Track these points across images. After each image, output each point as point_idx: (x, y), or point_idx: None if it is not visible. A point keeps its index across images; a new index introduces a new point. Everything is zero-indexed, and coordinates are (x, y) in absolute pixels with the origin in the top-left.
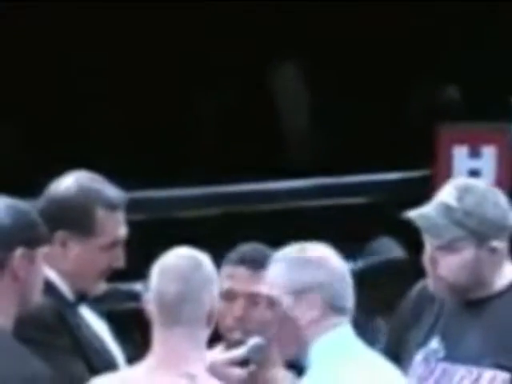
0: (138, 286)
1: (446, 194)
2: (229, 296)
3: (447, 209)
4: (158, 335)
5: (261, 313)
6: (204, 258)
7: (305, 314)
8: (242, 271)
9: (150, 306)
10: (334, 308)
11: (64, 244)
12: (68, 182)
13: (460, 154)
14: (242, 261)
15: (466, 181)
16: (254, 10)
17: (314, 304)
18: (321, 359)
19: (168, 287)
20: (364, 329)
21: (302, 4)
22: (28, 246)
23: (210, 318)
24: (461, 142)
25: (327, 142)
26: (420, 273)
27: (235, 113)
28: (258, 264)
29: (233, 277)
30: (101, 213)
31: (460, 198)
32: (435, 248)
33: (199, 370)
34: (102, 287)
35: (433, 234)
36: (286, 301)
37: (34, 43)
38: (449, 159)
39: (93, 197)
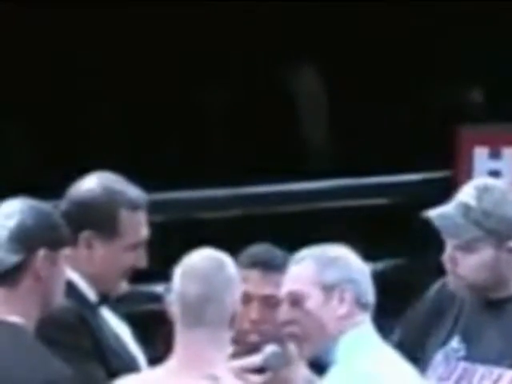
0: (159, 288)
1: (465, 194)
2: (243, 299)
3: (466, 209)
4: (180, 337)
5: (275, 315)
6: (227, 260)
7: (334, 310)
8: (254, 274)
9: (173, 307)
10: (360, 304)
11: (89, 245)
12: (91, 183)
13: (480, 155)
14: (254, 263)
15: (485, 181)
16: (274, 11)
17: (344, 300)
18: (346, 356)
19: (191, 288)
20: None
21: (321, 5)
22: (50, 248)
23: (232, 319)
24: (481, 143)
25: (348, 144)
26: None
27: (255, 114)
28: (270, 266)
29: (246, 280)
30: (124, 213)
31: (479, 198)
32: (455, 247)
33: (222, 371)
34: (124, 288)
35: (451, 233)
36: (315, 297)
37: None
38: (469, 160)
39: (116, 198)
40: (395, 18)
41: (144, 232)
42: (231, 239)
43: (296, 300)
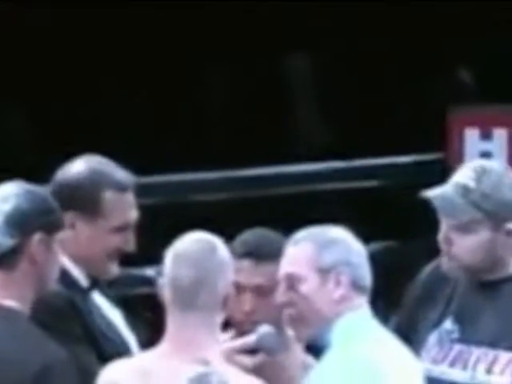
0: (150, 271)
1: (464, 175)
2: (235, 289)
3: (465, 190)
4: (172, 320)
5: (269, 304)
6: (218, 243)
7: (330, 293)
8: (246, 264)
9: (164, 291)
10: (357, 287)
11: (73, 226)
12: (77, 165)
13: (471, 137)
14: (246, 253)
15: (482, 163)
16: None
17: (340, 283)
18: (341, 340)
19: (183, 272)
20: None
21: None
22: (46, 232)
23: (224, 302)
24: (472, 124)
25: (340, 127)
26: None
27: (248, 98)
28: (262, 255)
29: (237, 270)
30: (109, 195)
31: (478, 180)
32: (451, 228)
33: (214, 355)
34: (114, 272)
35: (449, 214)
36: (311, 280)
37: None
38: (460, 142)
39: (101, 179)
40: (386, 2)
41: (131, 215)
42: (223, 222)
43: (292, 282)
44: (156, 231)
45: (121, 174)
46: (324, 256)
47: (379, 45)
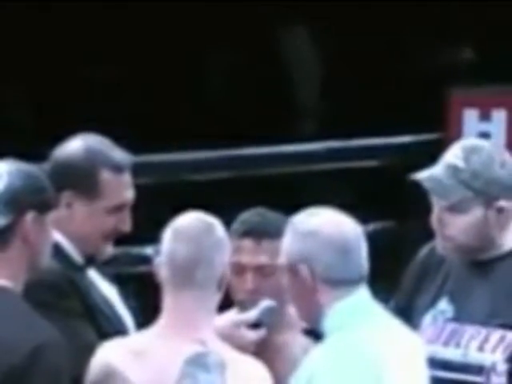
0: (148, 250)
1: (453, 155)
2: (237, 269)
3: (454, 169)
4: (168, 299)
5: (271, 283)
6: (216, 223)
7: (304, 284)
8: (247, 243)
9: (162, 269)
10: (331, 282)
11: (69, 205)
12: (74, 144)
13: (470, 118)
14: (247, 233)
15: (472, 141)
16: None
17: (308, 275)
18: (335, 326)
19: (180, 250)
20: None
21: None
22: (38, 211)
23: (220, 282)
24: (471, 105)
25: (337, 106)
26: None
27: (246, 76)
28: (262, 234)
29: (239, 250)
30: (106, 175)
31: (466, 159)
32: (443, 209)
33: (209, 334)
34: (109, 251)
35: (440, 194)
36: (287, 271)
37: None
38: (459, 123)
39: (98, 158)
40: None
41: (127, 195)
42: (221, 201)
43: (281, 271)
44: (153, 210)
45: (118, 154)
46: (293, 249)
47: (380, 23)
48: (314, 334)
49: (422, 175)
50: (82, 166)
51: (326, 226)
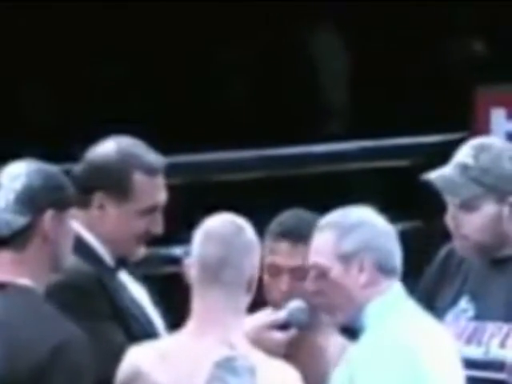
0: (177, 251)
1: (463, 154)
2: (273, 271)
3: (464, 167)
4: (197, 300)
5: (306, 286)
6: (246, 225)
7: (355, 279)
8: (283, 246)
9: (192, 270)
10: (383, 270)
11: (101, 207)
12: (108, 146)
13: (497, 117)
14: (284, 234)
15: (481, 140)
16: None
17: (364, 268)
18: (375, 322)
19: (210, 251)
20: None
21: None
22: (57, 209)
23: (249, 284)
24: (498, 104)
25: (367, 106)
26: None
27: (277, 76)
28: (299, 236)
29: (275, 251)
30: (138, 177)
31: (476, 157)
32: (456, 208)
33: (239, 336)
34: (141, 252)
35: (451, 193)
36: (336, 268)
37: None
38: (486, 122)
39: (131, 160)
40: None
41: (160, 197)
42: (251, 202)
43: (320, 272)
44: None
45: (151, 157)
46: (344, 243)
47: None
48: (350, 330)
49: (433, 175)
50: (114, 168)
51: (370, 217)
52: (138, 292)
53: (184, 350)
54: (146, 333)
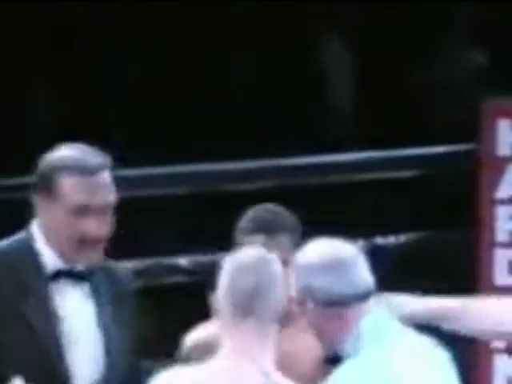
0: (182, 261)
1: None
2: None
3: None
4: (229, 331)
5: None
6: (273, 258)
7: (315, 316)
8: (259, 239)
9: (219, 301)
10: (336, 304)
11: (40, 209)
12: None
13: (504, 128)
14: (259, 229)
15: None
16: None
17: (312, 307)
18: (358, 346)
19: (239, 282)
20: None
21: None
22: None
23: (279, 314)
24: (505, 115)
25: (374, 117)
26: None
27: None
28: (273, 228)
29: (252, 245)
30: (64, 178)
31: None
32: None
33: (271, 365)
34: (94, 260)
35: None
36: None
37: None
38: (493, 133)
39: (58, 162)
40: None
41: (93, 198)
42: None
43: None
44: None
45: (87, 157)
46: (295, 284)
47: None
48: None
49: None
50: (43, 170)
51: (318, 254)
52: (78, 308)
53: (217, 378)
54: (40, 347)
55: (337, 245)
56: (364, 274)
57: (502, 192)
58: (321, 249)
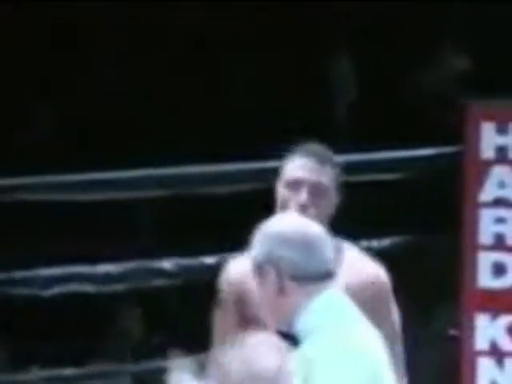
0: (166, 264)
1: None
2: (296, 185)
3: None
4: None
5: (321, 204)
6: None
7: (270, 287)
8: (311, 163)
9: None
10: (296, 278)
11: None
12: None
13: (488, 130)
14: (312, 154)
15: None
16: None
17: (272, 276)
18: (313, 325)
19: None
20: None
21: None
22: None
23: None
24: (489, 118)
25: (359, 120)
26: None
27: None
28: (325, 159)
29: (301, 167)
30: None
31: None
32: None
33: None
34: None
35: None
36: (255, 276)
37: None
38: (477, 136)
39: None
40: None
41: None
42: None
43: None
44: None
45: None
46: (258, 251)
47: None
48: (290, 336)
49: None
50: None
51: (289, 227)
52: None
53: None
54: None
55: (307, 222)
56: (330, 254)
57: (486, 194)
58: (293, 222)
